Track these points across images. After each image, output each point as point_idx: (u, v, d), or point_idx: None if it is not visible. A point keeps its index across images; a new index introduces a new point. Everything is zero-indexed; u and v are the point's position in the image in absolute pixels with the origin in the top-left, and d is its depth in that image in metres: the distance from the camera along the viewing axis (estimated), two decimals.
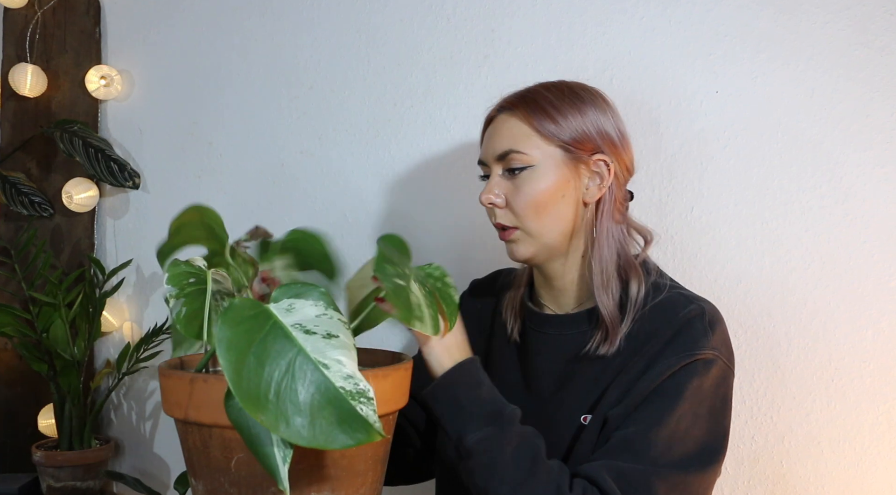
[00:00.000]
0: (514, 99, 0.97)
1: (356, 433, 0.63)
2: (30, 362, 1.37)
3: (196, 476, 0.77)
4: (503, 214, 0.96)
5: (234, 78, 1.46)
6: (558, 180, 0.93)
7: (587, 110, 0.96)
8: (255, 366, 0.63)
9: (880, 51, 1.14)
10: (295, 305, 0.69)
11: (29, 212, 1.46)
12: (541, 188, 0.93)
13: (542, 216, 0.94)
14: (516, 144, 0.94)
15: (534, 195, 0.93)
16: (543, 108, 0.94)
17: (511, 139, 0.94)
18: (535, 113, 0.94)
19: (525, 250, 0.96)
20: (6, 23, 1.53)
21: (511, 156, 0.94)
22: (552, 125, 0.93)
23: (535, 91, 0.97)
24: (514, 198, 0.94)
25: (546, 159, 0.93)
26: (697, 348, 0.88)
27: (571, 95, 0.96)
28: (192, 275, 0.76)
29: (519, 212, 0.94)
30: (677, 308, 0.92)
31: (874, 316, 1.14)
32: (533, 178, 0.93)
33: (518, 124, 0.95)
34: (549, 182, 0.93)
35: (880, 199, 1.14)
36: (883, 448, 1.14)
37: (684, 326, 0.90)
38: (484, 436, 0.84)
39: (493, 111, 0.99)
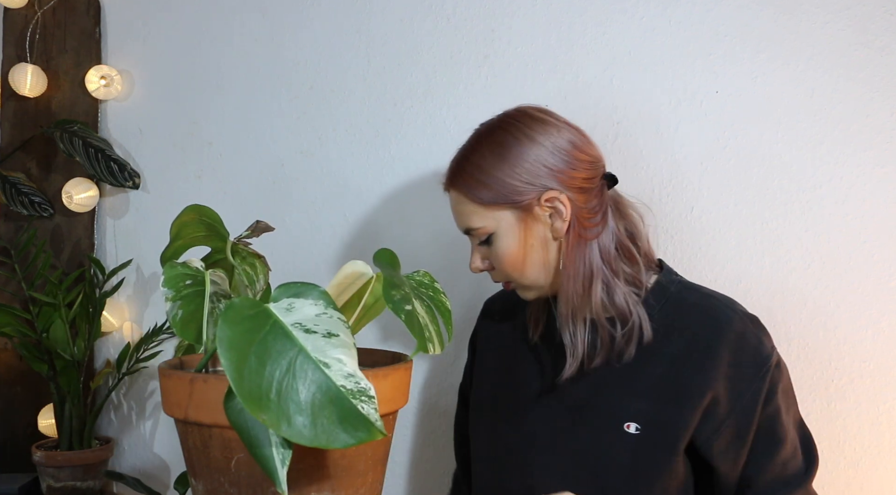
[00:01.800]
0: (449, 174, 0.99)
1: (358, 432, 0.63)
2: (30, 362, 1.37)
3: (196, 476, 0.77)
4: (496, 274, 1.00)
5: (234, 78, 1.46)
6: (520, 235, 0.95)
7: (512, 157, 0.93)
8: (257, 366, 0.63)
9: (880, 51, 1.14)
10: (295, 304, 0.69)
11: (29, 212, 1.46)
12: (510, 249, 0.95)
13: (524, 269, 0.96)
14: (469, 222, 0.97)
15: (507, 256, 0.96)
16: (473, 177, 0.95)
17: (462, 217, 0.98)
18: (469, 186, 0.95)
19: (529, 295, 1.00)
20: (6, 23, 1.53)
21: (472, 233, 0.98)
22: (484, 192, 0.94)
23: (464, 156, 0.98)
24: (495, 262, 0.98)
25: (500, 223, 0.95)
26: (765, 357, 0.92)
27: (493, 149, 0.94)
28: (188, 276, 0.76)
29: (503, 270, 0.97)
30: (717, 316, 0.94)
31: (874, 316, 1.14)
32: (499, 242, 0.96)
33: (462, 201, 0.97)
34: (513, 241, 0.95)
35: (880, 199, 1.14)
36: (883, 448, 1.14)
37: (742, 344, 0.92)
38: None
39: (445, 184, 1.01)
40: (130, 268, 1.50)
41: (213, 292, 0.77)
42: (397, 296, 0.81)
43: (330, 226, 1.41)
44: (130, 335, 1.51)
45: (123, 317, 1.51)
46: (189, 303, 0.75)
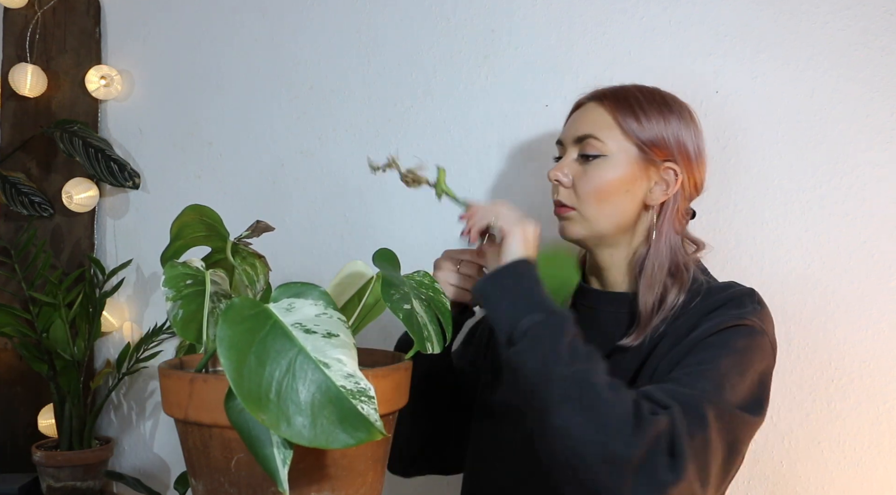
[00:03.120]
0: (606, 91, 1.00)
1: (357, 432, 0.63)
2: (30, 362, 1.37)
3: (196, 476, 0.77)
4: (566, 193, 0.99)
5: (234, 78, 1.46)
6: (626, 175, 0.96)
7: (671, 119, 0.98)
8: (256, 366, 0.63)
9: (880, 51, 1.14)
10: (295, 304, 0.69)
11: (29, 212, 1.46)
12: (608, 178, 0.96)
13: (601, 204, 0.96)
14: (596, 131, 0.97)
15: (599, 183, 0.96)
16: (631, 105, 0.97)
17: (592, 125, 0.97)
18: (622, 108, 0.97)
19: (576, 230, 0.99)
20: (6, 23, 1.53)
21: (588, 142, 0.97)
22: (634, 123, 0.96)
23: (628, 89, 1.00)
24: (580, 182, 0.97)
25: (620, 153, 0.96)
26: (746, 315, 0.90)
27: (660, 102, 0.99)
28: (189, 276, 0.76)
29: (581, 196, 0.97)
30: (729, 287, 0.95)
31: (874, 316, 1.14)
32: (603, 167, 0.96)
33: (603, 114, 0.98)
34: (617, 174, 0.96)
35: (880, 199, 1.14)
36: (883, 448, 1.14)
37: (734, 298, 0.92)
38: (542, 321, 0.83)
39: (584, 98, 1.02)
40: (130, 268, 1.50)
41: (214, 292, 0.77)
42: (396, 295, 0.81)
43: (330, 226, 1.41)
44: (130, 335, 1.51)
45: (123, 316, 1.51)
46: (189, 302, 0.75)
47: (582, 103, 1.03)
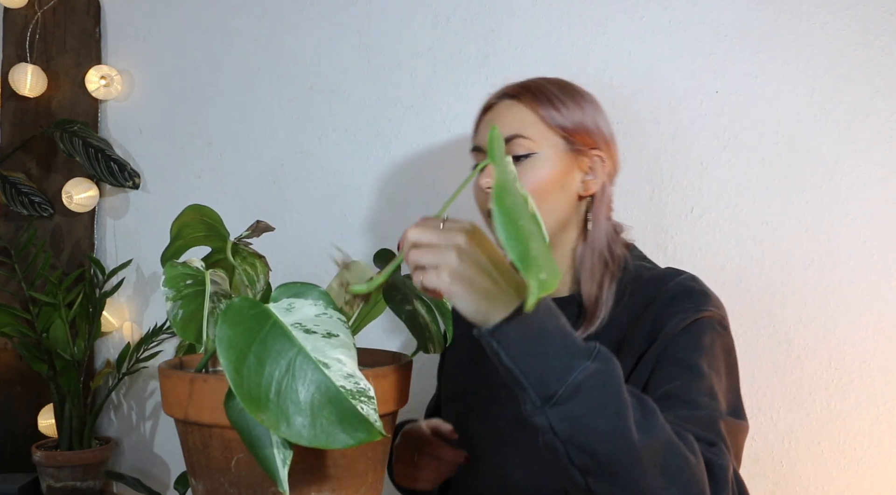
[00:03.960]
0: (517, 87, 0.97)
1: (357, 432, 0.63)
2: (30, 362, 1.37)
3: (196, 476, 0.77)
4: None
5: (234, 78, 1.46)
6: (559, 170, 0.94)
7: (586, 106, 0.97)
8: (256, 366, 0.63)
9: (880, 51, 1.14)
10: (294, 304, 0.69)
11: (29, 212, 1.46)
12: (544, 176, 0.93)
13: (541, 204, 0.92)
14: (522, 130, 0.93)
15: (536, 182, 0.92)
16: (549, 97, 0.95)
17: (516, 124, 0.94)
18: (541, 101, 0.94)
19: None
20: (6, 23, 1.53)
21: (516, 141, 0.93)
22: (556, 114, 0.94)
23: (538, 82, 0.97)
24: None
25: (549, 148, 0.93)
26: (703, 305, 0.88)
27: (572, 90, 0.97)
28: (189, 276, 0.76)
29: None
30: (669, 276, 0.92)
31: (874, 316, 1.14)
32: (536, 165, 0.93)
33: (523, 110, 0.94)
34: (551, 170, 0.93)
35: (880, 199, 1.14)
36: (883, 448, 1.14)
37: (682, 289, 0.90)
38: (597, 371, 0.67)
39: (493, 98, 0.99)
40: (130, 268, 1.50)
41: (214, 292, 0.77)
42: (398, 296, 0.81)
43: (330, 226, 1.41)
44: (130, 335, 1.51)
45: (123, 316, 1.51)
46: (189, 302, 0.75)
47: (493, 104, 0.98)
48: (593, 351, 0.68)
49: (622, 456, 0.66)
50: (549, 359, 0.66)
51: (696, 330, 0.86)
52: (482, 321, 0.67)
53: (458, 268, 0.66)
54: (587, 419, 0.66)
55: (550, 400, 0.66)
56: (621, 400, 0.67)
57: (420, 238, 0.70)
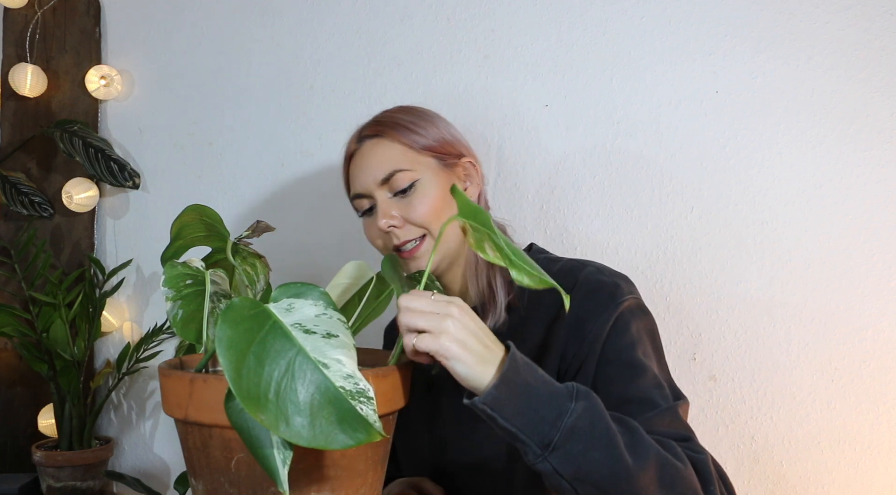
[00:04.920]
0: (372, 127, 0.99)
1: (356, 433, 0.63)
2: (30, 362, 1.37)
3: (196, 476, 0.77)
4: (406, 231, 0.95)
5: (235, 78, 1.46)
6: (441, 187, 0.96)
7: (436, 121, 1.00)
8: (255, 366, 0.63)
9: (880, 51, 1.14)
10: (294, 305, 0.69)
11: (29, 212, 1.46)
12: (433, 195, 0.95)
13: (442, 216, 0.94)
14: (397, 164, 0.95)
15: (430, 206, 0.94)
16: (404, 125, 0.98)
17: (390, 161, 0.96)
18: (400, 131, 0.97)
19: (430, 259, 0.92)
20: (6, 23, 1.53)
21: (396, 176, 0.95)
22: (419, 137, 0.97)
23: (387, 116, 1.00)
24: (411, 214, 0.95)
25: (426, 171, 0.96)
26: (619, 297, 0.90)
27: (419, 112, 1.01)
28: (189, 276, 0.76)
29: (422, 222, 0.94)
30: (575, 270, 0.94)
31: (874, 316, 1.14)
32: (423, 191, 0.95)
33: (389, 145, 0.96)
34: (437, 189, 0.96)
35: (880, 199, 1.14)
36: (883, 448, 1.14)
37: (594, 285, 0.91)
38: (584, 409, 0.74)
39: (352, 145, 1.01)
40: (130, 268, 1.50)
41: (214, 292, 0.77)
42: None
43: (330, 226, 1.41)
44: (130, 335, 1.51)
45: (123, 316, 1.51)
46: (189, 302, 0.75)
47: (354, 150, 1.00)
48: (573, 390, 0.75)
49: (622, 480, 0.73)
50: (539, 411, 0.73)
51: (622, 324, 0.89)
52: (476, 383, 0.73)
53: (455, 333, 0.73)
54: (585, 455, 0.73)
55: (549, 447, 0.73)
56: (610, 430, 0.74)
57: (415, 305, 0.74)
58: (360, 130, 1.01)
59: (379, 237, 0.99)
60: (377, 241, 1.00)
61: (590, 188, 1.26)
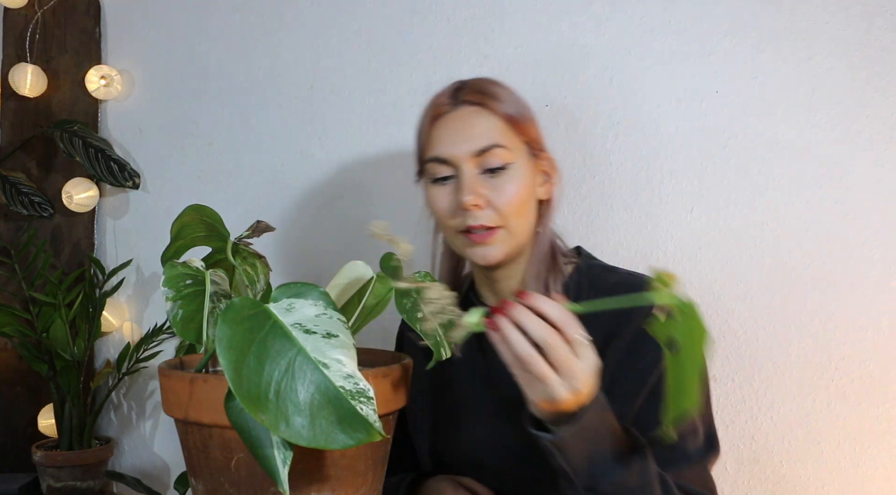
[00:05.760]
0: (473, 94, 0.91)
1: (356, 433, 0.63)
2: (30, 362, 1.37)
3: (196, 476, 0.77)
4: (486, 215, 0.89)
5: (235, 78, 1.46)
6: (530, 178, 0.92)
7: (531, 109, 0.94)
8: (255, 366, 0.63)
9: (880, 51, 1.14)
10: (295, 305, 0.69)
11: (29, 212, 1.46)
12: (522, 185, 0.89)
13: (523, 214, 0.90)
14: (498, 139, 0.88)
15: (518, 192, 0.88)
16: (510, 103, 0.91)
17: (491, 133, 0.89)
18: (505, 108, 0.90)
19: (502, 251, 0.90)
20: (6, 23, 1.53)
21: (494, 151, 0.88)
22: (521, 121, 0.90)
23: (490, 87, 0.92)
24: (496, 197, 0.88)
25: (520, 156, 0.90)
26: None
27: (517, 94, 0.94)
28: (188, 276, 0.76)
29: (504, 211, 0.88)
30: (629, 288, 0.90)
31: (874, 316, 1.14)
32: (514, 176, 0.89)
33: (491, 118, 0.89)
34: (527, 179, 0.90)
35: (880, 199, 1.14)
36: (883, 448, 1.14)
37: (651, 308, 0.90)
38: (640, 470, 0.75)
39: (445, 104, 0.91)
40: (130, 268, 1.50)
41: (214, 292, 0.77)
42: (408, 304, 0.81)
43: (330, 226, 1.41)
44: (130, 335, 1.51)
45: (123, 316, 1.51)
46: (189, 302, 0.75)
47: (446, 112, 0.91)
48: (635, 445, 0.74)
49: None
50: (599, 462, 0.72)
51: None
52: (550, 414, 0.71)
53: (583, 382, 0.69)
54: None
55: (593, 491, 0.73)
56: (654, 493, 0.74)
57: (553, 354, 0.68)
58: (457, 91, 0.91)
59: (450, 210, 0.91)
60: (446, 214, 0.91)
61: (590, 188, 1.26)
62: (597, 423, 0.72)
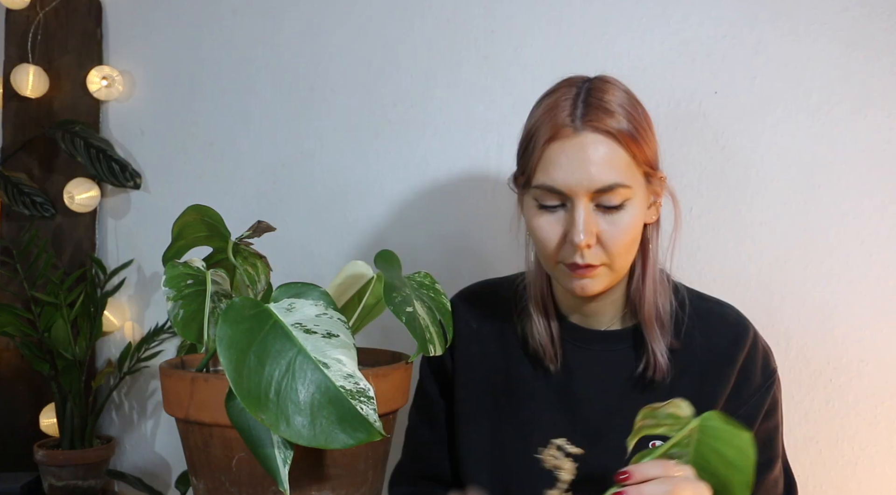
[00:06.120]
0: (602, 120, 0.81)
1: (356, 432, 0.63)
2: (31, 362, 1.37)
3: (197, 475, 0.77)
4: (595, 254, 0.83)
5: (235, 78, 1.47)
6: (643, 210, 0.85)
7: (652, 125, 0.87)
8: (256, 365, 0.63)
9: (880, 51, 1.14)
10: (295, 305, 0.70)
11: (31, 212, 1.46)
12: (635, 222, 0.83)
13: (630, 251, 0.85)
14: (623, 177, 0.81)
15: (630, 230, 0.83)
16: (638, 128, 0.83)
17: (616, 171, 0.80)
18: (633, 137, 0.82)
19: (601, 285, 0.85)
20: (8, 24, 1.53)
21: (617, 192, 0.80)
22: (645, 148, 0.83)
23: (620, 109, 0.83)
24: (609, 236, 0.82)
25: (638, 189, 0.83)
26: (772, 370, 0.92)
27: (643, 110, 0.86)
28: (190, 276, 0.77)
29: (613, 250, 0.83)
30: (736, 324, 0.92)
31: (874, 316, 1.14)
32: (629, 213, 0.82)
33: (617, 151, 0.81)
34: (640, 212, 0.84)
35: (880, 199, 1.14)
36: (881, 448, 1.14)
37: (753, 349, 0.91)
38: None
39: (566, 126, 0.81)
40: (132, 268, 1.50)
41: (215, 292, 0.78)
42: (398, 298, 0.81)
43: (330, 226, 1.41)
44: (132, 334, 1.51)
45: (125, 316, 1.51)
46: (190, 302, 0.75)
47: (569, 135, 0.81)
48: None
49: None
50: None
51: (771, 406, 0.91)
52: None
53: None
54: None
55: None
56: None
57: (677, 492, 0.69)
58: (584, 111, 0.81)
59: (557, 241, 0.84)
60: (551, 246, 0.85)
61: None
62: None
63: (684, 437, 0.71)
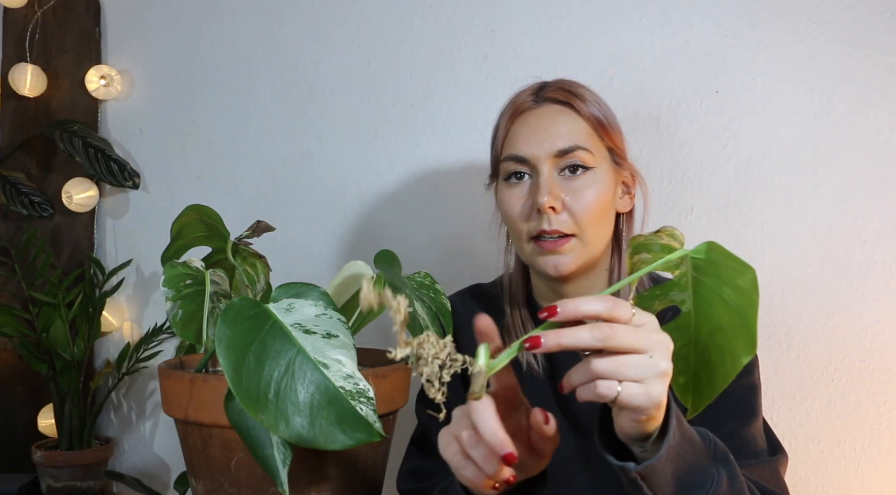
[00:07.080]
0: (560, 92, 0.87)
1: (356, 433, 0.63)
2: (30, 362, 1.37)
3: (196, 476, 0.77)
4: (562, 220, 0.84)
5: (235, 78, 1.46)
6: (611, 186, 0.87)
7: (616, 116, 0.90)
8: (255, 366, 0.63)
9: (880, 51, 1.14)
10: (294, 305, 0.70)
11: (29, 211, 1.46)
12: (602, 192, 0.84)
13: (601, 224, 0.85)
14: (582, 141, 0.84)
15: (597, 199, 0.84)
16: (596, 106, 0.87)
17: (573, 135, 0.84)
18: (592, 110, 0.86)
19: (574, 262, 0.85)
20: (6, 23, 1.53)
21: (577, 153, 0.84)
22: (607, 126, 0.87)
23: (577, 89, 0.88)
24: (574, 202, 0.84)
25: (603, 162, 0.86)
26: None
27: (606, 104, 0.90)
28: (189, 276, 0.76)
29: (581, 218, 0.84)
30: None
31: (874, 316, 1.14)
32: (594, 182, 0.84)
33: (576, 120, 0.86)
34: (607, 187, 0.85)
35: (880, 199, 1.14)
36: (883, 448, 1.14)
37: None
38: (727, 480, 0.66)
39: (527, 101, 0.88)
40: (130, 268, 1.50)
41: (214, 292, 0.77)
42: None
43: (330, 227, 1.41)
44: (130, 335, 1.51)
45: (123, 316, 1.51)
46: (189, 302, 0.75)
47: (529, 108, 0.87)
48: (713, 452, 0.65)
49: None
50: (686, 482, 0.62)
51: (749, 366, 0.86)
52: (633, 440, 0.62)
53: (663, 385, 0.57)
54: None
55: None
56: None
57: (618, 340, 0.55)
58: (540, 89, 0.88)
59: (524, 212, 0.86)
60: (518, 216, 0.86)
61: None
62: (678, 445, 0.62)
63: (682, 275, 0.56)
